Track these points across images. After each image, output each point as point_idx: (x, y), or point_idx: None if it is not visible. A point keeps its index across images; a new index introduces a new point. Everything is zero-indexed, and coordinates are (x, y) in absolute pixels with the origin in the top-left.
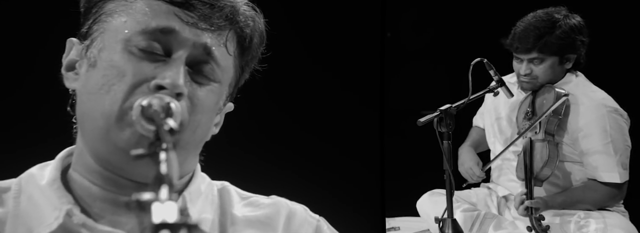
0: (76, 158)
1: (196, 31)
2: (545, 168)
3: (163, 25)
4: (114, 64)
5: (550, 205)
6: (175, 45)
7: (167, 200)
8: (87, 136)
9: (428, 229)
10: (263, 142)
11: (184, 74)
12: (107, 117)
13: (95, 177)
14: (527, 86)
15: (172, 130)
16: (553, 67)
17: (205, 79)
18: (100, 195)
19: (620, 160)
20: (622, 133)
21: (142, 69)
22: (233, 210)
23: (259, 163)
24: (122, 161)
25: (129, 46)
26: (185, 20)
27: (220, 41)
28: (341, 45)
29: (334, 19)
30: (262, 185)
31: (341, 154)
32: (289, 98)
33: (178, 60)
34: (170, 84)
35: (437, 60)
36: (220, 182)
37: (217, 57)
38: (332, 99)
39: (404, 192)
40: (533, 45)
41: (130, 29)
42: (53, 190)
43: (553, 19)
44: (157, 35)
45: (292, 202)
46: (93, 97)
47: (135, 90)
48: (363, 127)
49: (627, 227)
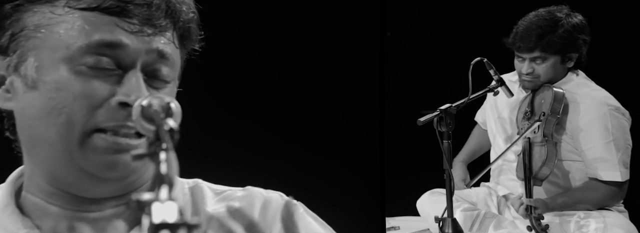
0: (27, 180)
1: (144, 38)
2: (544, 167)
3: (108, 40)
4: (62, 87)
5: (551, 206)
6: (127, 58)
7: (167, 200)
8: (43, 160)
9: (428, 229)
10: (262, 142)
11: (143, 85)
12: (68, 142)
13: (52, 198)
14: (529, 85)
15: (172, 130)
16: (555, 66)
17: (161, 83)
18: (61, 214)
19: (622, 158)
20: (624, 132)
21: (96, 88)
22: (206, 208)
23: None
24: (87, 183)
25: (75, 66)
26: (129, 29)
27: (167, 40)
28: (341, 45)
29: (333, 19)
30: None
31: (341, 154)
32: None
33: (136, 73)
34: (134, 100)
35: (437, 59)
36: (192, 179)
37: (170, 57)
38: (331, 99)
39: (404, 192)
40: (535, 45)
41: (70, 46)
42: (6, 216)
43: (555, 18)
44: (104, 50)
45: (267, 191)
46: (44, 122)
47: (96, 111)
48: (363, 127)
49: (627, 227)
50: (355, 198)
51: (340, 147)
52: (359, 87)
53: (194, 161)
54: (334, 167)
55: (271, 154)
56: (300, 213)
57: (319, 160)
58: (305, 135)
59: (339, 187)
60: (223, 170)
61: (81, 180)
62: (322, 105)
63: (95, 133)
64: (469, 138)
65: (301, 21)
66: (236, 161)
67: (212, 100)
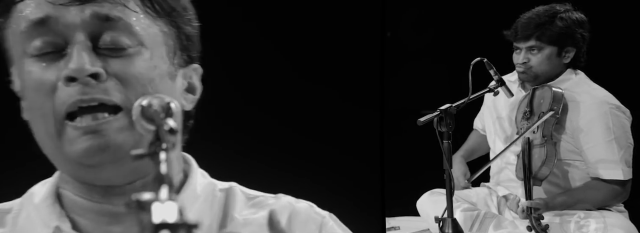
0: (59, 175)
1: (78, 7)
2: (543, 167)
3: (38, 17)
4: (28, 81)
5: (551, 206)
6: (65, 33)
7: (167, 200)
8: (50, 158)
9: (428, 229)
10: (262, 142)
11: (88, 54)
12: (51, 136)
13: (80, 190)
14: (523, 76)
15: (172, 130)
16: (550, 58)
17: (118, 50)
18: (90, 207)
19: (624, 157)
20: (625, 131)
21: (46, 73)
22: (234, 213)
23: (258, 163)
24: (85, 172)
25: (28, 58)
26: (59, 2)
27: (114, 3)
28: (341, 45)
29: (333, 19)
30: (262, 186)
31: (341, 154)
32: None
33: (77, 44)
34: (76, 69)
35: (437, 59)
36: (227, 183)
37: (121, 20)
38: (331, 99)
39: (404, 192)
40: (532, 32)
41: (19, 38)
42: (45, 207)
43: (554, 10)
44: (40, 31)
45: (297, 200)
46: (33, 122)
47: (53, 95)
48: (363, 127)
49: (627, 227)
50: (355, 198)
51: (340, 146)
52: (359, 87)
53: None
54: (334, 167)
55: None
56: (330, 226)
57: (319, 160)
58: (305, 135)
59: (339, 186)
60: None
61: (79, 170)
62: (322, 105)
63: (66, 123)
64: (468, 138)
65: (301, 21)
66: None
67: (212, 100)
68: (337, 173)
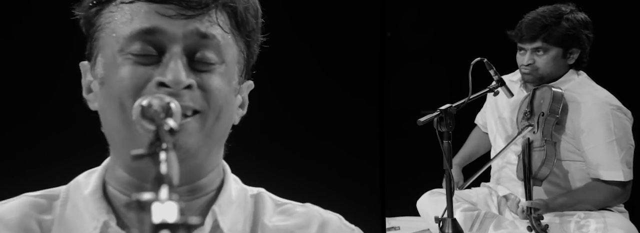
0: (109, 171)
1: (182, 22)
2: (543, 167)
3: (146, 27)
4: (116, 76)
5: (551, 206)
6: (167, 42)
7: (167, 200)
8: (118, 149)
9: (428, 229)
10: (261, 142)
11: (184, 67)
12: (128, 125)
13: (129, 189)
14: (528, 78)
15: (172, 130)
16: (556, 60)
17: (207, 65)
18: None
19: (624, 158)
20: (626, 132)
21: (138, 72)
22: (264, 220)
23: (258, 163)
24: (143, 165)
25: (124, 55)
26: (167, 14)
27: (211, 22)
28: (341, 45)
29: (334, 19)
30: (262, 185)
31: (341, 154)
32: (288, 98)
33: (175, 56)
34: (172, 80)
35: (437, 59)
36: (256, 188)
37: (214, 39)
38: (331, 99)
39: (404, 192)
40: (538, 33)
41: (119, 39)
42: (94, 200)
43: (560, 11)
44: (145, 37)
45: (326, 211)
46: (110, 112)
47: (140, 92)
48: (363, 127)
49: (627, 227)
50: (356, 198)
51: (340, 146)
52: (359, 87)
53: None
54: (334, 167)
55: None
56: None
57: (319, 160)
58: (306, 135)
59: (339, 186)
60: None
61: (145, 163)
62: (322, 105)
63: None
64: (467, 140)
65: (301, 21)
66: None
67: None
68: (337, 173)
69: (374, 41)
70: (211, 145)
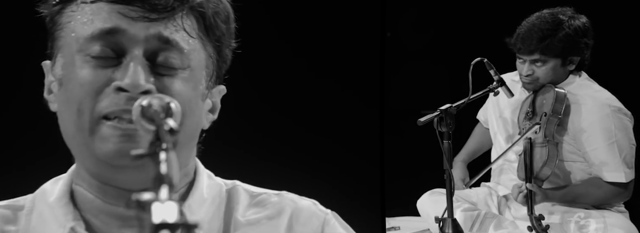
0: (76, 172)
1: (145, 24)
2: (544, 167)
3: (108, 27)
4: (74, 77)
5: (550, 196)
6: (127, 44)
7: (167, 200)
8: (74, 152)
9: (428, 229)
10: (261, 142)
11: (143, 70)
12: (82, 132)
13: (95, 190)
14: (529, 87)
15: (172, 130)
16: (555, 69)
17: (170, 69)
18: (103, 208)
19: (626, 159)
20: (626, 133)
21: (98, 75)
22: (237, 215)
23: (258, 163)
24: (108, 172)
25: (83, 56)
26: (129, 15)
27: (176, 27)
28: (341, 45)
29: (334, 19)
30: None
31: (341, 154)
32: (288, 98)
33: (135, 59)
34: (130, 84)
35: (437, 60)
36: (231, 181)
37: (178, 43)
38: (331, 99)
39: (404, 192)
40: (536, 47)
41: (79, 39)
42: (61, 206)
43: (558, 21)
44: (106, 38)
45: (300, 198)
46: (66, 114)
47: (98, 97)
48: (363, 127)
49: (627, 227)
50: (356, 198)
51: (340, 146)
52: (359, 87)
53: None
54: (335, 167)
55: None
56: (332, 224)
57: (319, 160)
58: (306, 135)
59: (339, 186)
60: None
61: (102, 169)
62: (322, 105)
63: (102, 121)
64: (470, 137)
65: (301, 21)
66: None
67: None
68: (337, 173)
69: (374, 41)
70: (177, 151)
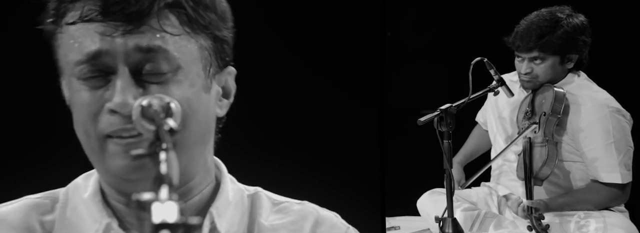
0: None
1: (123, 40)
2: (544, 167)
3: (92, 52)
4: (74, 100)
5: (551, 207)
6: (112, 63)
7: (167, 200)
8: (94, 167)
9: (428, 228)
10: (261, 142)
11: (131, 87)
12: (93, 150)
13: (118, 196)
14: (528, 85)
15: (172, 130)
16: (554, 67)
17: (159, 76)
18: (127, 212)
19: (623, 160)
20: (625, 134)
21: (93, 97)
22: (261, 219)
23: (258, 163)
24: (124, 186)
25: (79, 79)
26: (106, 34)
27: (155, 30)
28: (341, 45)
29: (333, 19)
30: (262, 185)
31: (341, 154)
32: (288, 98)
33: (120, 76)
34: (119, 104)
35: (437, 59)
36: (253, 187)
37: (160, 48)
38: (331, 99)
39: (404, 192)
40: (534, 44)
41: (70, 64)
42: (94, 203)
43: (556, 18)
44: (91, 62)
45: (323, 209)
46: (78, 134)
47: (97, 118)
48: (363, 127)
49: (628, 227)
50: (356, 197)
51: (340, 146)
52: (359, 87)
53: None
54: (334, 167)
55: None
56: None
57: (319, 160)
58: (306, 135)
59: (339, 186)
60: None
61: (119, 183)
62: (322, 105)
63: (108, 139)
64: (468, 138)
65: (301, 21)
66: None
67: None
68: (337, 173)
69: (374, 41)
70: (187, 150)
